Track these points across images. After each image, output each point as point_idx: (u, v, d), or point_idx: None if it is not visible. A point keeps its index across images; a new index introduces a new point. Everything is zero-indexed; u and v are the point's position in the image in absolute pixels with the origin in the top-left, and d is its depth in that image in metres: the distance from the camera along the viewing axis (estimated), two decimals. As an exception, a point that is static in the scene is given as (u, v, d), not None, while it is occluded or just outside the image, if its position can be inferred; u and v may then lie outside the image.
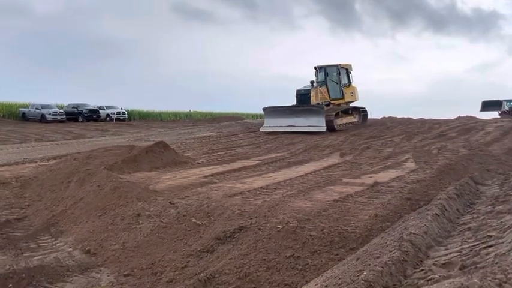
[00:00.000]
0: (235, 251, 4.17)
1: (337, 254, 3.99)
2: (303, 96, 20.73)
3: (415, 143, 14.89)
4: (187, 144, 16.48)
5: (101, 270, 4.48)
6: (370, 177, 8.08)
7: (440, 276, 2.31)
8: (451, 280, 2.09)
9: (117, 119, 37.16)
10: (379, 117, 29.39)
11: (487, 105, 36.33)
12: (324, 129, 18.51)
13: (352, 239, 4.28)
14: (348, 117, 21.73)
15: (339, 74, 21.99)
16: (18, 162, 11.49)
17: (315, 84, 21.33)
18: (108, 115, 37.53)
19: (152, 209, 5.85)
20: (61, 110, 35.26)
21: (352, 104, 23.30)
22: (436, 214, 3.73)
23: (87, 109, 36.63)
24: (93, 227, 5.61)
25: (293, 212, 5.12)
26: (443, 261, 2.64)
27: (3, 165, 10.77)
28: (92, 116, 36.14)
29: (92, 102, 39.20)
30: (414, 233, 3.07)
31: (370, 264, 2.58)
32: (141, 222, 5.47)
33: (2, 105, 36.86)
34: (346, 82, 22.60)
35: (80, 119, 35.37)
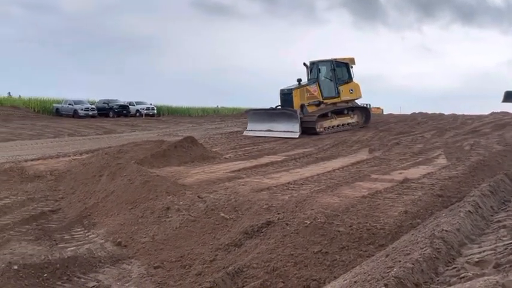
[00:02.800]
0: (262, 246, 4.19)
1: (366, 251, 3.95)
2: (286, 97, 18.39)
3: (447, 139, 14.53)
4: (214, 140, 16.59)
5: (131, 262, 4.59)
6: (400, 173, 7.93)
7: (473, 274, 2.25)
8: (485, 278, 2.04)
9: (147, 115, 37.80)
10: (409, 113, 28.84)
11: (510, 96, 34.34)
12: (296, 135, 16.25)
13: (381, 236, 4.22)
14: (342, 118, 19.09)
15: (334, 70, 19.26)
16: (53, 156, 11.85)
17: (302, 82, 18.78)
18: (137, 110, 38.22)
19: (181, 202, 5.93)
20: (93, 106, 36.15)
21: (357, 102, 20.56)
22: (469, 211, 3.64)
23: (117, 105, 37.44)
24: (124, 219, 5.75)
25: (321, 207, 5.09)
26: (477, 259, 2.58)
27: (38, 159, 11.14)
28: (122, 111, 36.91)
29: (122, 98, 40.08)
30: (446, 230, 3.00)
31: (400, 261, 2.54)
32: (170, 215, 5.57)
33: (36, 101, 38.14)
34: (346, 78, 19.76)
35: (111, 114, 36.16)
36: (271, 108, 18.71)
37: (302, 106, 17.93)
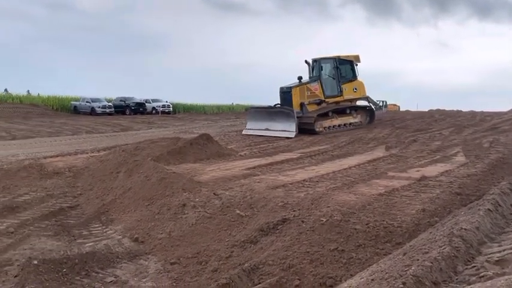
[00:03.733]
0: (278, 243, 4.19)
1: (382, 249, 3.92)
2: (285, 95, 17.76)
3: (465, 136, 14.31)
4: (230, 137, 16.63)
5: (148, 258, 4.63)
6: (417, 171, 7.84)
7: (493, 273, 2.21)
8: (506, 277, 2.00)
9: (163, 112, 38.11)
10: (426, 110, 28.47)
11: None
12: (293, 134, 15.73)
13: (398, 234, 4.18)
14: (344, 118, 18.44)
15: (337, 67, 18.52)
16: (71, 153, 12.03)
17: (303, 80, 18.18)
18: (154, 108, 38.56)
19: (197, 199, 5.97)
20: (110, 103, 36.58)
21: (358, 102, 19.74)
22: (489, 209, 3.58)
23: (134, 102, 37.81)
24: (141, 216, 5.80)
25: (337, 205, 5.06)
26: (497, 258, 2.53)
27: (57, 156, 11.32)
28: (139, 109, 37.26)
29: (138, 96, 40.46)
30: (465, 229, 2.96)
31: (418, 260, 2.51)
32: (186, 212, 5.60)
33: (55, 98, 38.77)
34: (350, 76, 19.00)
35: (128, 112, 36.53)
36: (269, 107, 18.33)
37: (302, 105, 17.45)
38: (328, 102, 18.26)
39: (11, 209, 6.33)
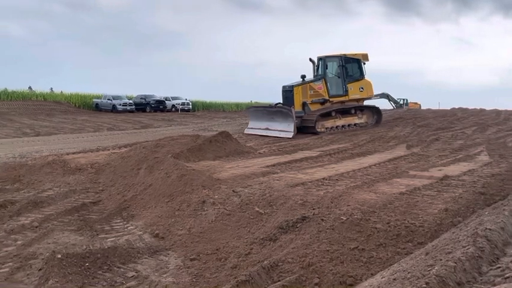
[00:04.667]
0: (298, 241, 4.18)
1: (404, 248, 3.87)
2: (287, 94, 17.28)
3: (489, 135, 14.00)
4: (248, 134, 16.66)
5: (168, 254, 4.68)
6: (440, 170, 7.71)
7: (520, 275, 2.16)
8: (534, 279, 1.95)
9: (182, 110, 38.43)
10: (448, 108, 27.95)
11: None
12: (291, 135, 15.26)
13: (420, 233, 4.12)
14: (348, 118, 17.73)
15: (343, 66, 17.81)
16: (93, 150, 12.25)
17: (307, 78, 17.58)
18: (173, 106, 38.91)
19: (216, 196, 6.00)
20: (131, 101, 37.06)
21: (365, 102, 18.93)
22: (514, 210, 3.50)
23: (154, 100, 38.22)
24: (161, 212, 5.87)
25: (357, 203, 5.02)
26: (523, 260, 2.47)
27: (79, 153, 11.53)
28: (159, 106, 37.65)
29: (158, 93, 40.87)
30: (490, 229, 2.90)
31: (441, 260, 2.47)
32: (205, 209, 5.64)
33: (77, 96, 39.50)
34: (357, 75, 18.20)
35: (148, 109, 36.96)
36: (269, 106, 17.89)
37: (304, 104, 16.99)
38: (333, 101, 17.72)
39: (35, 203, 6.48)
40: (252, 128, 17.35)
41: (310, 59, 18.03)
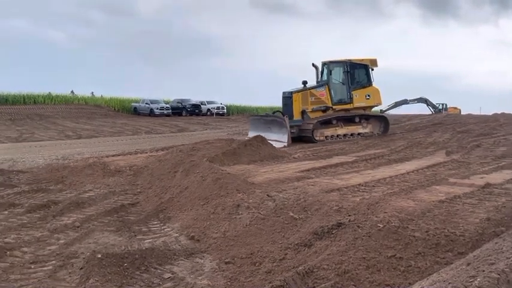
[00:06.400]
0: (333, 247, 4.13)
1: (443, 258, 3.76)
2: (286, 101, 16.44)
3: (535, 141, 13.39)
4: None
5: (204, 256, 4.74)
6: (481, 177, 7.44)
7: None
8: None
9: (217, 114, 38.91)
10: (490, 113, 26.96)
11: None
12: (283, 144, 14.37)
13: (460, 243, 3.99)
14: (351, 127, 16.75)
15: (348, 72, 16.81)
16: (131, 152, 12.59)
17: (309, 84, 16.71)
18: (208, 110, 39.45)
19: (251, 200, 6.02)
20: (167, 105, 37.87)
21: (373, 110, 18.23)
22: None
23: (190, 104, 38.93)
24: (196, 215, 5.95)
25: (394, 211, 4.91)
26: None
27: (118, 155, 11.89)
28: (195, 110, 38.33)
29: (193, 98, 41.59)
30: (536, 241, 2.78)
31: (484, 271, 2.39)
32: (240, 212, 5.67)
33: (116, 100, 40.74)
34: (364, 82, 17.17)
35: (184, 113, 37.65)
36: (266, 115, 17.39)
37: (303, 112, 16.10)
38: (336, 109, 16.81)
39: (77, 204, 6.72)
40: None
41: (313, 64, 17.11)
